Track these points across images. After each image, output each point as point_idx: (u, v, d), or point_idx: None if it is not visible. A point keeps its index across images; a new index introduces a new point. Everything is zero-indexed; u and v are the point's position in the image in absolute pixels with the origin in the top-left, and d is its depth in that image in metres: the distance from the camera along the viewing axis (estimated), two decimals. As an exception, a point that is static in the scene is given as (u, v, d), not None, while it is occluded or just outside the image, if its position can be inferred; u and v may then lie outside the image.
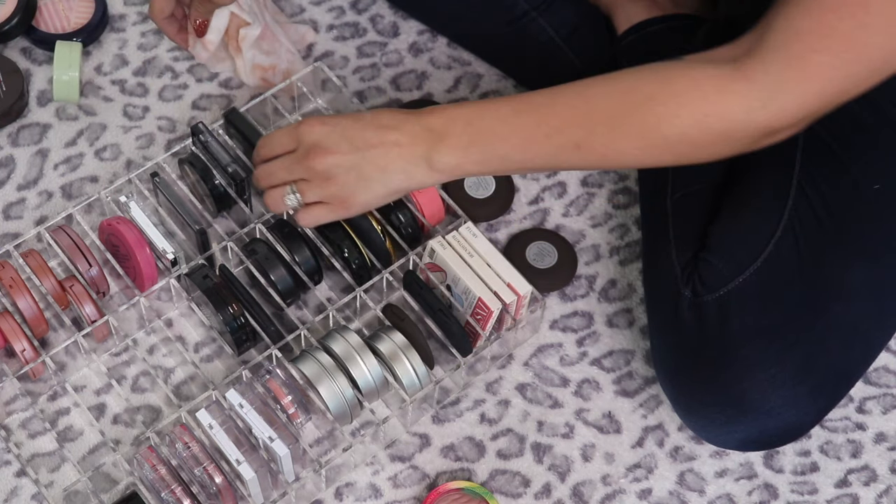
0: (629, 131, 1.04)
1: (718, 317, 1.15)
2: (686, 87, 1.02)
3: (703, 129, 1.02)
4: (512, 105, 1.09)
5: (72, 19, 1.47)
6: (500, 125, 1.08)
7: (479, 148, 1.09)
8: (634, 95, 1.04)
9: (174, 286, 1.28)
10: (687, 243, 1.22)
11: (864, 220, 1.15)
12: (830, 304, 1.14)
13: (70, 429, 1.25)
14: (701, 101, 1.01)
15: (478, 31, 1.46)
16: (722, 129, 1.02)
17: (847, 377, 1.18)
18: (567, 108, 1.06)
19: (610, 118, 1.05)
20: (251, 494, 1.16)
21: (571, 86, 1.08)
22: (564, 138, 1.06)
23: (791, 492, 1.25)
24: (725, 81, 1.00)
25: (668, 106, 1.02)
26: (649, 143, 1.05)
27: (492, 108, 1.09)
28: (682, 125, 1.02)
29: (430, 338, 1.28)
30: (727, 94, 1.00)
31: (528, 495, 1.24)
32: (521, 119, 1.07)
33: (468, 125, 1.09)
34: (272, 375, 1.20)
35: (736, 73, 1.00)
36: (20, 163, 1.40)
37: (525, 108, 1.08)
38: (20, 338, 1.22)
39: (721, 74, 1.00)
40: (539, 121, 1.07)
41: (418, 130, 1.10)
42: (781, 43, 0.98)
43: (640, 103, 1.04)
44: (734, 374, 1.14)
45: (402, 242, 1.30)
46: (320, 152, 1.11)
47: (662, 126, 1.03)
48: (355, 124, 1.12)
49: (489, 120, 1.09)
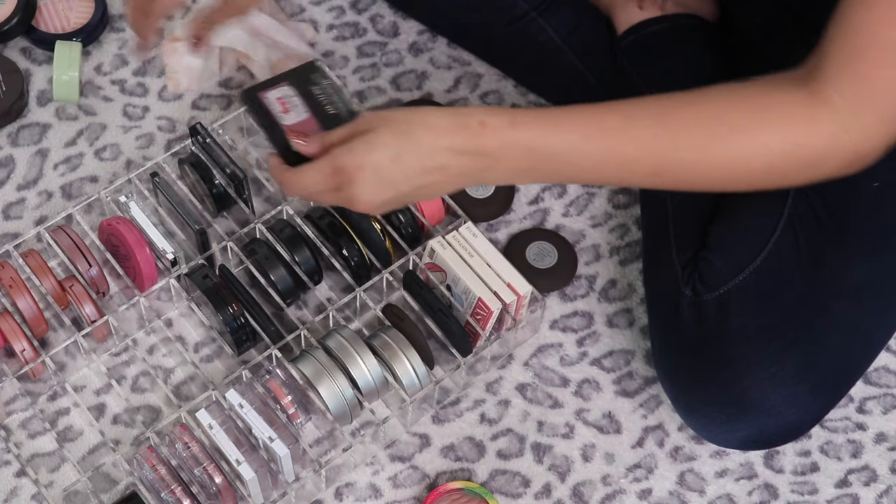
0: (715, 163, 1.01)
1: (718, 316, 1.15)
2: (772, 115, 0.99)
3: (792, 159, 0.99)
4: (581, 130, 1.01)
5: (72, 19, 1.47)
6: (568, 151, 1.01)
7: (540, 172, 1.03)
8: (721, 126, 1.00)
9: (174, 286, 1.28)
10: (687, 242, 1.22)
11: (864, 218, 1.15)
12: (830, 302, 1.14)
13: (70, 429, 1.25)
14: (789, 131, 0.98)
15: (478, 31, 1.46)
16: (811, 159, 0.99)
17: (847, 376, 1.18)
18: (646, 135, 1.00)
19: (694, 149, 1.00)
20: (251, 494, 1.16)
21: (645, 106, 1.02)
22: (641, 166, 1.02)
23: (791, 492, 1.25)
24: (808, 109, 0.97)
25: (757, 137, 0.99)
26: (735, 174, 1.02)
27: (556, 130, 1.01)
28: (771, 156, 0.99)
29: (430, 338, 1.28)
30: (812, 123, 0.97)
31: (528, 495, 1.24)
32: (591, 145, 1.01)
33: (530, 151, 1.01)
34: (272, 375, 1.20)
35: (814, 99, 0.97)
36: (20, 163, 1.40)
37: (596, 134, 1.01)
38: (20, 338, 1.22)
39: (802, 101, 0.98)
40: (613, 148, 1.01)
41: (469, 160, 1.01)
42: (844, 65, 0.95)
43: (726, 135, 0.99)
44: (734, 373, 1.14)
45: (402, 242, 1.30)
46: (362, 202, 1.03)
47: (752, 159, 1.00)
48: (396, 165, 1.01)
49: (554, 146, 1.01)
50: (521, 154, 1.02)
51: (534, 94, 1.47)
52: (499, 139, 1.01)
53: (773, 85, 1.01)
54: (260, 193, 1.38)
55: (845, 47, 0.95)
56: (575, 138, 1.01)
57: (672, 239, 1.24)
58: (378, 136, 1.01)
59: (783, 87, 1.00)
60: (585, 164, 1.02)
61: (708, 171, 1.02)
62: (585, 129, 1.01)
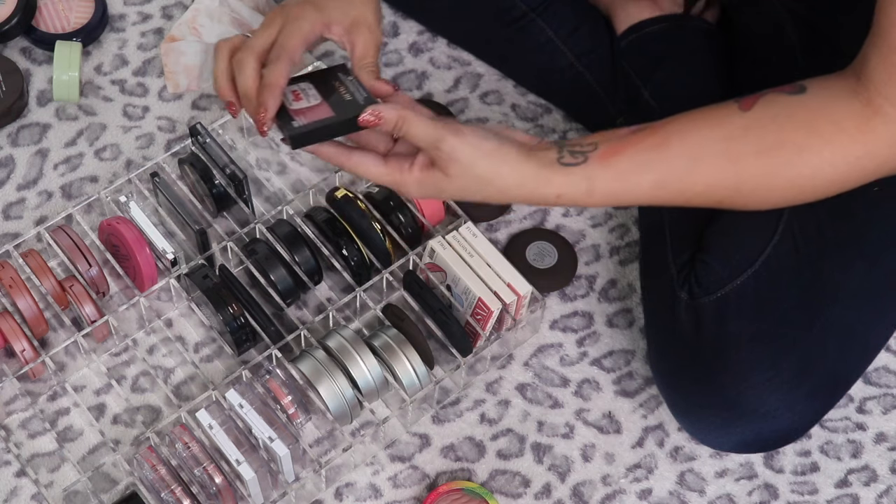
0: (781, 186, 1.02)
1: (716, 319, 1.15)
2: (834, 131, 0.99)
3: (856, 170, 1.00)
4: (652, 179, 1.02)
5: (72, 19, 1.47)
6: (640, 201, 1.04)
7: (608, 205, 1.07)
8: (785, 150, 1.00)
9: (174, 286, 1.28)
10: (683, 245, 1.22)
11: (862, 223, 1.15)
12: (828, 306, 1.14)
13: (70, 429, 1.25)
14: (850, 144, 0.99)
15: (477, 32, 1.46)
16: (874, 168, 1.00)
17: (844, 379, 1.18)
18: (714, 171, 1.01)
19: (762, 177, 1.01)
20: (251, 494, 1.16)
21: (712, 138, 1.02)
22: (707, 199, 1.04)
23: (791, 492, 1.25)
24: (865, 121, 0.98)
25: (822, 155, 1.00)
26: (799, 193, 1.02)
27: (630, 187, 1.02)
28: (836, 171, 1.00)
29: (430, 338, 1.28)
30: (870, 133, 0.98)
31: (528, 495, 1.24)
32: (664, 192, 1.03)
33: (605, 197, 1.03)
34: (272, 375, 1.20)
35: (868, 110, 0.98)
36: (20, 163, 1.40)
37: (668, 181, 1.02)
38: (20, 338, 1.22)
39: (859, 114, 0.99)
40: (683, 189, 1.03)
41: (538, 198, 1.04)
42: (889, 77, 0.97)
43: (791, 158, 1.00)
44: (731, 377, 1.14)
45: (402, 242, 1.30)
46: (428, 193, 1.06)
47: (817, 176, 1.01)
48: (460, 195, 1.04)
49: (628, 201, 1.04)
50: (595, 200, 1.04)
51: (534, 94, 1.47)
52: (569, 183, 1.03)
53: (826, 96, 1.01)
54: (260, 193, 1.38)
55: (886, 64, 0.97)
56: (647, 189, 1.03)
57: (668, 241, 1.24)
58: (449, 182, 1.03)
59: (837, 99, 1.00)
60: (655, 202, 1.05)
61: (773, 193, 1.03)
62: (657, 180, 1.02)
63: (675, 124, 1.03)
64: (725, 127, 1.01)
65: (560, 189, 1.02)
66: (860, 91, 0.99)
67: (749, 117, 1.01)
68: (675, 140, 1.02)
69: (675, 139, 1.02)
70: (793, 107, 1.01)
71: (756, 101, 1.02)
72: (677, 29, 1.37)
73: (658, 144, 1.02)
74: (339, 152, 1.06)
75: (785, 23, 1.26)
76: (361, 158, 1.05)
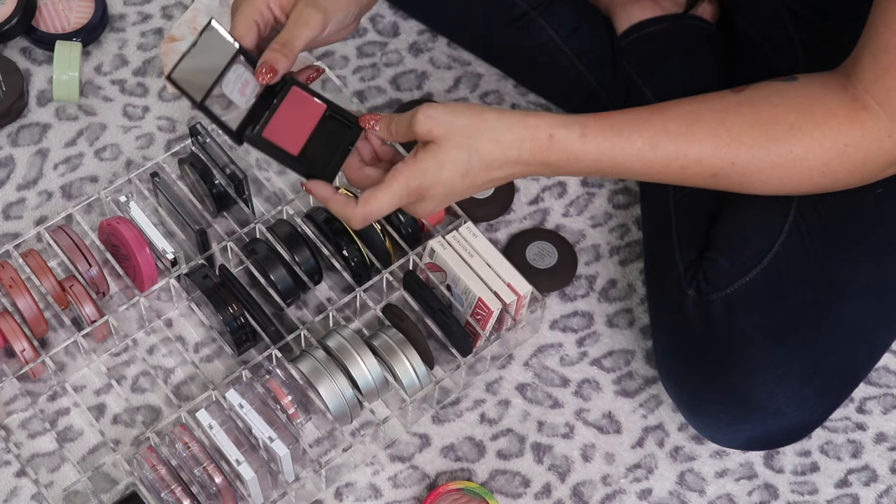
0: (774, 162, 1.03)
1: (725, 316, 1.15)
2: (825, 116, 1.01)
3: (844, 159, 1.02)
4: (646, 137, 1.03)
5: (71, 19, 1.47)
6: (633, 160, 1.04)
7: (602, 174, 1.06)
8: (779, 126, 1.02)
9: (174, 286, 1.28)
10: (690, 243, 1.22)
11: (867, 223, 1.16)
12: (836, 304, 1.14)
13: (70, 429, 1.25)
14: (840, 131, 1.01)
15: (478, 31, 1.46)
16: (859, 159, 1.02)
17: (853, 377, 1.18)
18: (708, 138, 1.03)
19: (755, 149, 1.02)
20: (251, 494, 1.16)
21: (706, 108, 1.04)
22: (702, 168, 1.04)
23: (791, 492, 1.25)
24: (854, 112, 1.00)
25: (813, 136, 1.01)
26: (791, 173, 1.03)
27: (623, 140, 1.03)
28: (825, 156, 1.02)
29: (430, 338, 1.28)
30: (858, 125, 1.00)
31: (528, 495, 1.24)
32: (657, 152, 1.03)
33: (596, 161, 1.04)
34: (272, 375, 1.20)
35: (856, 104, 1.00)
36: (20, 163, 1.40)
37: (662, 141, 1.03)
38: (20, 338, 1.22)
39: (847, 104, 1.01)
40: (677, 153, 1.03)
41: (535, 168, 1.04)
42: (877, 78, 0.99)
43: (784, 134, 1.02)
44: (741, 375, 1.14)
45: (402, 242, 1.30)
46: (428, 212, 1.06)
47: (809, 158, 1.02)
48: (465, 181, 1.03)
49: (621, 156, 1.04)
50: (586, 163, 1.04)
51: (534, 94, 1.47)
52: (567, 152, 1.03)
53: (817, 87, 1.03)
54: (260, 193, 1.38)
55: (875, 64, 0.99)
56: (641, 146, 1.03)
57: (675, 239, 1.24)
58: (446, 153, 1.02)
59: (827, 89, 1.02)
60: (649, 168, 1.05)
61: (767, 171, 1.04)
62: (651, 137, 1.03)
63: (671, 102, 1.05)
64: (719, 103, 1.04)
65: (551, 128, 1.02)
66: (849, 87, 1.01)
67: (743, 96, 1.04)
68: (671, 106, 1.05)
69: (671, 106, 1.05)
70: (784, 91, 1.04)
71: (749, 86, 1.05)
72: (678, 29, 1.38)
73: (653, 109, 1.05)
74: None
75: (785, 23, 1.26)
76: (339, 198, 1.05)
